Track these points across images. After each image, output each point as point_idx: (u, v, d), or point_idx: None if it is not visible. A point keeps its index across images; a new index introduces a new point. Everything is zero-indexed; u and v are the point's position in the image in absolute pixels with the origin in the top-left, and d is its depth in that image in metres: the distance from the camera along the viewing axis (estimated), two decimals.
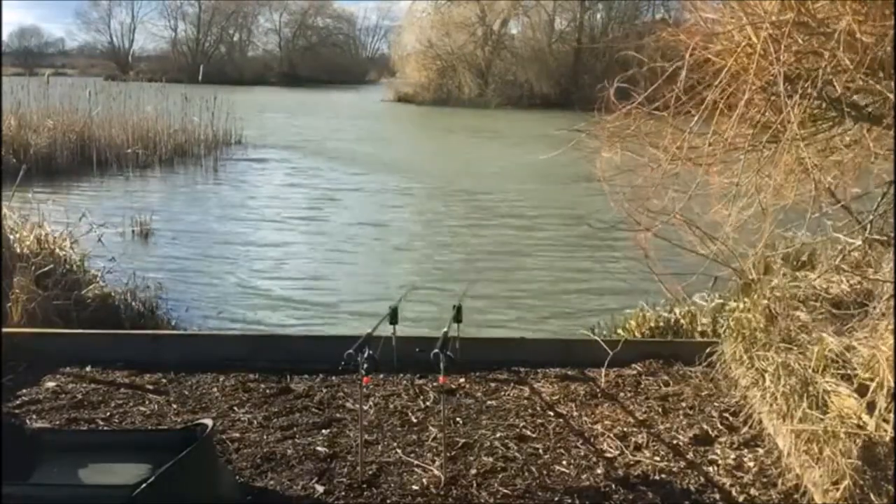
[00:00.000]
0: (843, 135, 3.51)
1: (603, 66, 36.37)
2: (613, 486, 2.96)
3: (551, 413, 3.61)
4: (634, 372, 4.08)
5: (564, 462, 3.14)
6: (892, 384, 2.68)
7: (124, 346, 4.20)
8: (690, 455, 3.22)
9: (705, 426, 3.45)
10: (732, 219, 3.45)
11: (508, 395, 3.82)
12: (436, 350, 3.01)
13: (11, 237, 5.43)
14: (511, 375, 4.06)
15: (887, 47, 2.76)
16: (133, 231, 9.30)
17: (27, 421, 3.36)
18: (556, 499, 2.86)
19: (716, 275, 4.77)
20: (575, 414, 3.61)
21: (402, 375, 3.95)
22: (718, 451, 3.25)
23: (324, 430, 3.37)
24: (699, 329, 4.64)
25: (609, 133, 3.61)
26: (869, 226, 3.41)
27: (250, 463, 3.06)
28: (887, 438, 2.64)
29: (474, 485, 2.94)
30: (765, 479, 3.02)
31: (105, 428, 3.35)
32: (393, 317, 3.68)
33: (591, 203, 11.68)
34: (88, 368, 3.98)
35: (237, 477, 2.95)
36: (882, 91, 2.89)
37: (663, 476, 3.05)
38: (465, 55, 41.03)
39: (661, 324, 4.81)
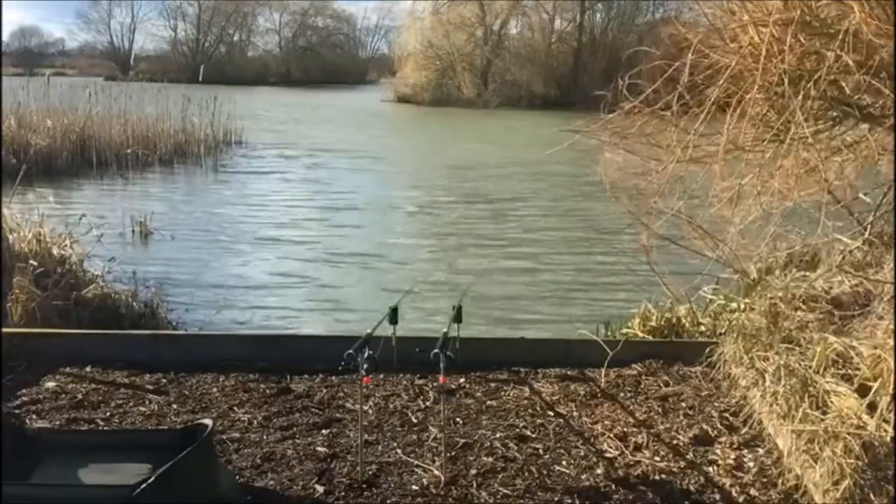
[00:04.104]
0: (843, 135, 3.51)
1: (602, 66, 36.44)
2: (613, 486, 2.95)
3: (551, 413, 3.61)
4: (634, 372, 4.08)
5: (564, 462, 3.14)
6: (893, 384, 2.68)
7: (124, 346, 4.20)
8: (690, 455, 3.22)
9: (705, 426, 3.45)
10: (736, 219, 3.46)
11: (508, 395, 3.82)
12: (436, 350, 3.01)
13: (11, 237, 5.43)
14: (511, 375, 4.05)
15: (891, 48, 2.76)
16: (133, 231, 9.31)
17: (27, 421, 3.36)
18: (556, 499, 2.86)
19: (718, 275, 4.78)
20: (575, 414, 3.61)
21: (402, 375, 3.94)
22: (718, 451, 3.25)
23: (324, 430, 3.36)
24: (700, 329, 4.63)
25: (611, 133, 3.61)
26: (870, 226, 3.41)
27: (250, 463, 3.06)
28: (888, 438, 2.64)
29: (474, 485, 2.94)
30: (765, 479, 3.02)
31: (105, 428, 3.34)
32: (393, 317, 3.68)
33: (594, 203, 11.69)
34: (88, 368, 3.97)
35: (237, 477, 2.95)
36: (884, 91, 2.89)
37: (663, 476, 3.05)
38: (464, 55, 41.04)
39: (663, 323, 4.81)
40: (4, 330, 4.20)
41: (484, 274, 8.09)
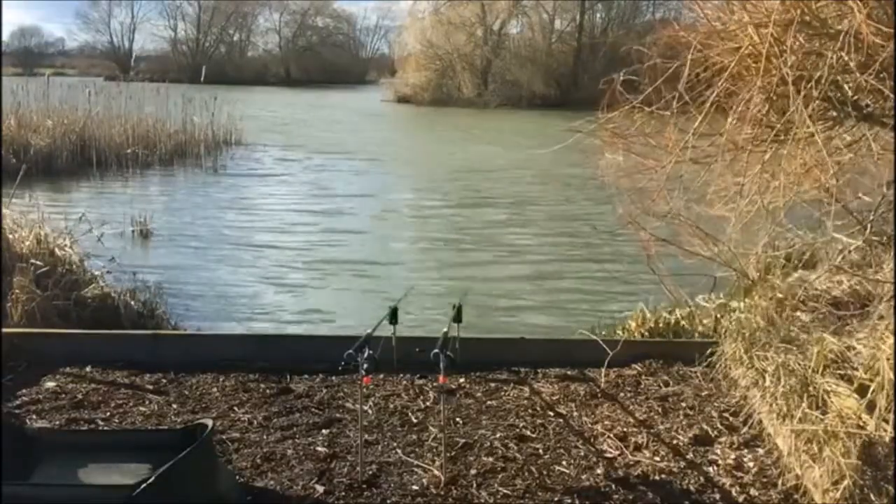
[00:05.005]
0: (842, 135, 3.51)
1: (603, 66, 36.47)
2: (613, 486, 2.96)
3: (551, 413, 3.61)
4: (634, 372, 4.08)
5: (564, 462, 3.14)
6: (892, 384, 2.68)
7: (124, 346, 4.20)
8: (690, 455, 3.22)
9: (705, 426, 3.45)
10: (735, 219, 3.46)
11: (508, 395, 3.82)
12: (436, 350, 3.01)
13: (11, 237, 5.43)
14: (511, 375, 4.05)
15: (891, 49, 2.76)
16: (133, 231, 9.31)
17: (27, 421, 3.36)
18: (556, 499, 2.86)
19: (717, 275, 4.77)
20: (575, 414, 3.61)
21: (402, 375, 3.95)
22: (718, 451, 3.25)
23: (324, 430, 3.37)
24: (699, 329, 4.64)
25: (611, 133, 3.60)
26: (869, 226, 3.41)
27: (250, 463, 3.06)
28: (887, 438, 2.64)
29: (474, 485, 2.94)
30: (765, 479, 3.02)
31: (105, 428, 3.34)
32: (393, 317, 3.68)
33: (595, 205, 11.70)
34: (88, 368, 3.97)
35: (237, 477, 2.95)
36: (884, 91, 2.89)
37: (663, 476, 3.05)
38: (464, 55, 41.04)
39: (661, 324, 4.81)
40: (4, 330, 4.20)
41: (485, 274, 8.09)
